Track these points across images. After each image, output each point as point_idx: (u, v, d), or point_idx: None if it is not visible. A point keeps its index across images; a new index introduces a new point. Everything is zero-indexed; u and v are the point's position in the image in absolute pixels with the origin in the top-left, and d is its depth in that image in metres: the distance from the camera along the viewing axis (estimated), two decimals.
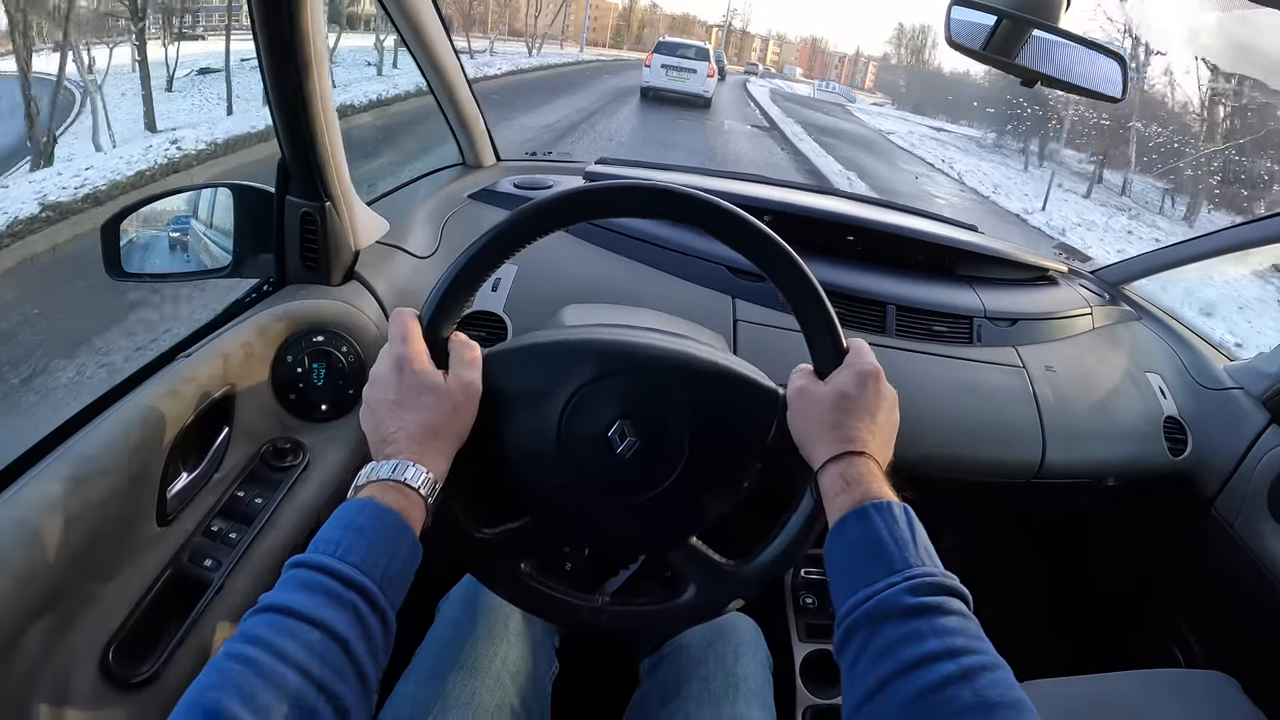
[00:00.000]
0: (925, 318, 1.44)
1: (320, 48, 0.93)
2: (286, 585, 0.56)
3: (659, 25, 79.16)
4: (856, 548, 0.63)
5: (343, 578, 0.56)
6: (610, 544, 0.90)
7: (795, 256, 0.77)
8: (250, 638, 0.52)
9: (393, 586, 0.60)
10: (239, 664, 0.50)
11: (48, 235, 5.10)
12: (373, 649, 0.56)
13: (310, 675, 0.51)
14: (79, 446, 0.76)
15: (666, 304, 1.26)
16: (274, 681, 0.49)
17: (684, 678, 0.95)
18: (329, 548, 0.58)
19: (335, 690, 0.51)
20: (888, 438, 0.74)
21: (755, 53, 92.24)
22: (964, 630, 0.56)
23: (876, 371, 0.75)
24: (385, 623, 0.58)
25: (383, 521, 0.62)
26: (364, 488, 0.65)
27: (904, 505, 0.65)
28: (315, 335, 1.02)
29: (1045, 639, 1.82)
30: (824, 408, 0.73)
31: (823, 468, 0.70)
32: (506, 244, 0.76)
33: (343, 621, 0.54)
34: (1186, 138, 17.52)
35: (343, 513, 0.62)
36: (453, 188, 1.57)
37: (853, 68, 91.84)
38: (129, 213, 1.03)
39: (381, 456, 0.68)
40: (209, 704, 0.47)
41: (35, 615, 0.67)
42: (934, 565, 0.61)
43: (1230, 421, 1.53)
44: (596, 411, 0.76)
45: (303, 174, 1.03)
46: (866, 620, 0.58)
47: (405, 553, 0.62)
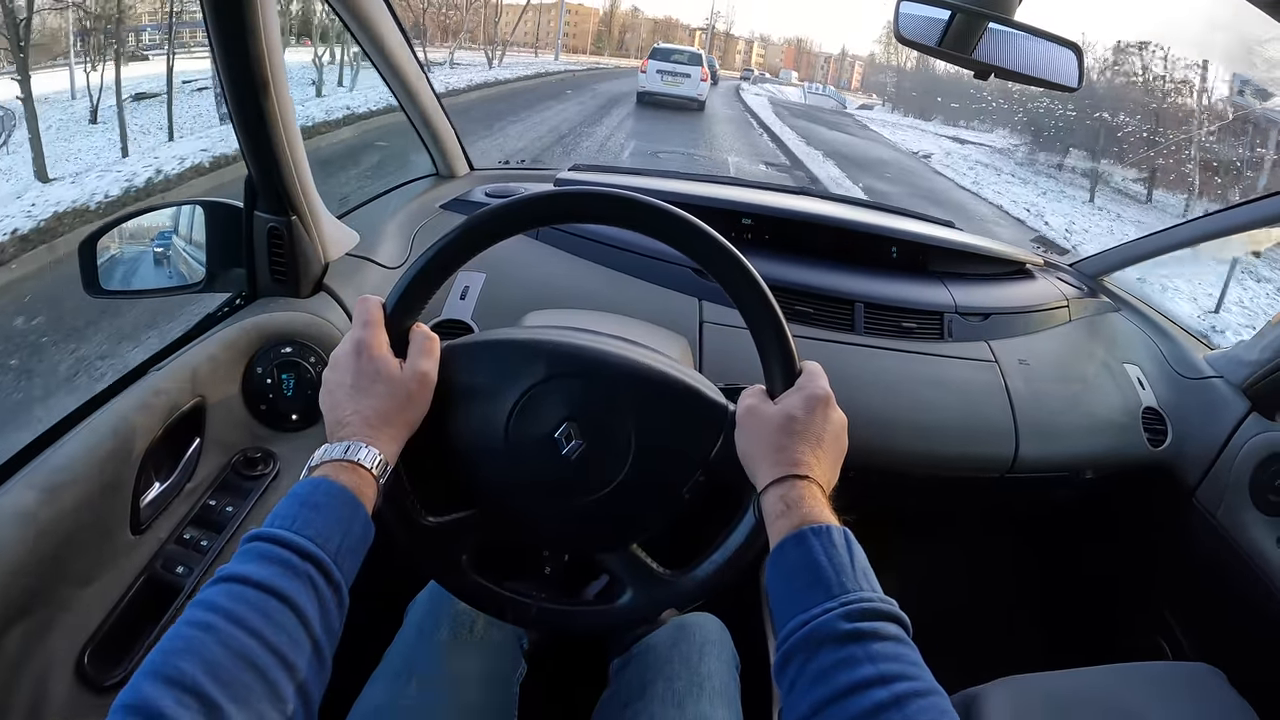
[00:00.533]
0: (895, 314, 1.45)
1: (278, 65, 0.95)
2: (244, 557, 0.57)
3: (640, 30, 77.15)
4: (795, 572, 0.64)
5: (299, 550, 0.58)
6: (552, 543, 0.92)
7: (756, 276, 0.78)
8: (209, 605, 0.53)
9: (346, 561, 0.61)
10: (199, 630, 0.51)
11: None
12: (327, 620, 0.57)
13: (268, 643, 0.52)
14: (52, 458, 0.77)
15: (633, 308, 1.27)
16: (233, 648, 0.50)
17: (649, 678, 0.96)
18: (284, 522, 0.60)
19: (292, 659, 0.53)
20: (834, 462, 0.74)
21: (740, 55, 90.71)
22: (899, 656, 0.57)
23: (827, 397, 0.76)
24: (339, 595, 0.60)
25: (337, 498, 0.63)
26: (318, 467, 0.67)
27: (843, 529, 0.66)
28: (284, 346, 1.04)
29: (1030, 633, 1.82)
30: (770, 429, 0.73)
31: (765, 489, 0.71)
32: (472, 241, 0.78)
33: (299, 591, 0.56)
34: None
35: (298, 490, 0.64)
36: (425, 198, 1.59)
37: (839, 68, 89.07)
38: (106, 230, 1.05)
39: (335, 438, 0.69)
40: (171, 670, 0.48)
41: (11, 621, 0.69)
42: (872, 590, 0.62)
43: (1210, 411, 1.53)
44: (545, 412, 0.77)
45: (268, 189, 1.05)
46: (803, 645, 0.59)
47: (358, 529, 0.64)
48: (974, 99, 25.14)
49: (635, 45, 73.65)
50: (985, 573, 1.82)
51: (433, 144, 1.68)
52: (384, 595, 1.00)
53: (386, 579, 0.96)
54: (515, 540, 0.84)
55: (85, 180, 6.21)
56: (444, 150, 1.70)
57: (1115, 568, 1.76)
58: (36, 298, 4.33)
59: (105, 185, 6.16)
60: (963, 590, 1.73)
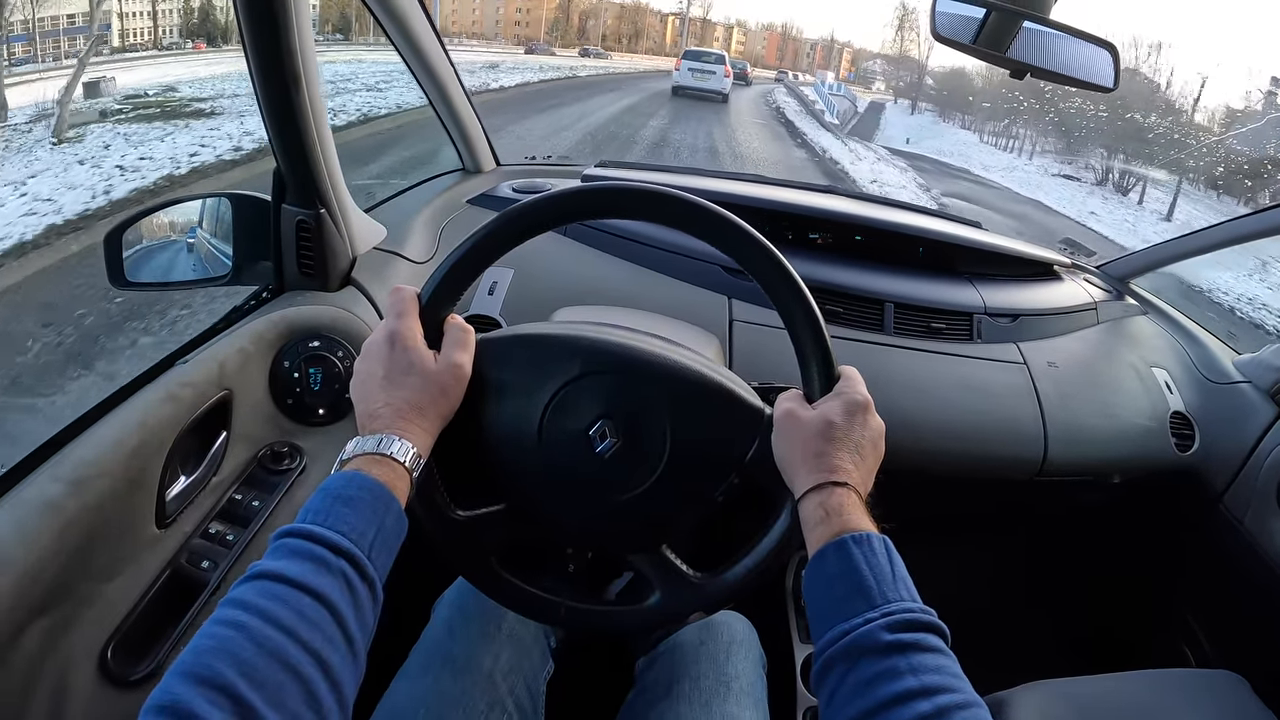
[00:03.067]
0: (924, 315, 1.43)
1: (310, 59, 0.96)
2: (276, 554, 0.56)
3: (605, 16, 69.13)
4: (835, 580, 0.63)
5: (332, 545, 0.57)
6: (581, 540, 0.90)
7: (797, 278, 0.77)
8: (241, 603, 0.52)
9: (380, 556, 0.61)
10: (232, 630, 0.50)
11: None
12: (361, 616, 0.57)
13: (302, 641, 0.51)
14: (78, 451, 0.77)
15: (663, 305, 1.26)
16: (266, 647, 0.49)
17: (676, 677, 0.95)
18: (317, 517, 0.59)
19: (326, 656, 0.52)
20: (870, 469, 0.73)
21: (718, 41, 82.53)
22: (940, 668, 0.56)
23: (866, 403, 0.75)
24: (373, 591, 0.59)
25: (369, 492, 0.62)
26: (350, 461, 0.66)
27: (883, 538, 0.65)
28: (311, 340, 1.03)
29: (1054, 637, 1.81)
30: (809, 434, 0.72)
31: (803, 496, 0.70)
32: (510, 234, 0.77)
33: (333, 588, 0.55)
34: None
35: (330, 484, 0.63)
36: (452, 193, 1.59)
37: (826, 55, 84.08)
38: (130, 223, 1.05)
39: (367, 430, 0.68)
40: (203, 670, 0.47)
41: (35, 614, 0.69)
42: (912, 599, 0.61)
43: (1238, 416, 1.51)
44: (580, 408, 0.77)
45: (297, 183, 1.05)
46: (844, 655, 0.58)
47: (391, 524, 0.63)
48: (1005, 98, 24.43)
49: (596, 33, 66.52)
50: (1010, 575, 1.81)
51: (460, 139, 1.67)
52: (412, 591, 1.00)
53: (415, 574, 0.96)
54: (544, 537, 0.83)
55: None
56: (471, 146, 1.69)
57: (1140, 573, 1.74)
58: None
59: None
60: (988, 592, 1.72)
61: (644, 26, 70.78)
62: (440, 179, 1.72)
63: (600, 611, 0.84)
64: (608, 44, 64.67)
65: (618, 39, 68.06)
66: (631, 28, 69.42)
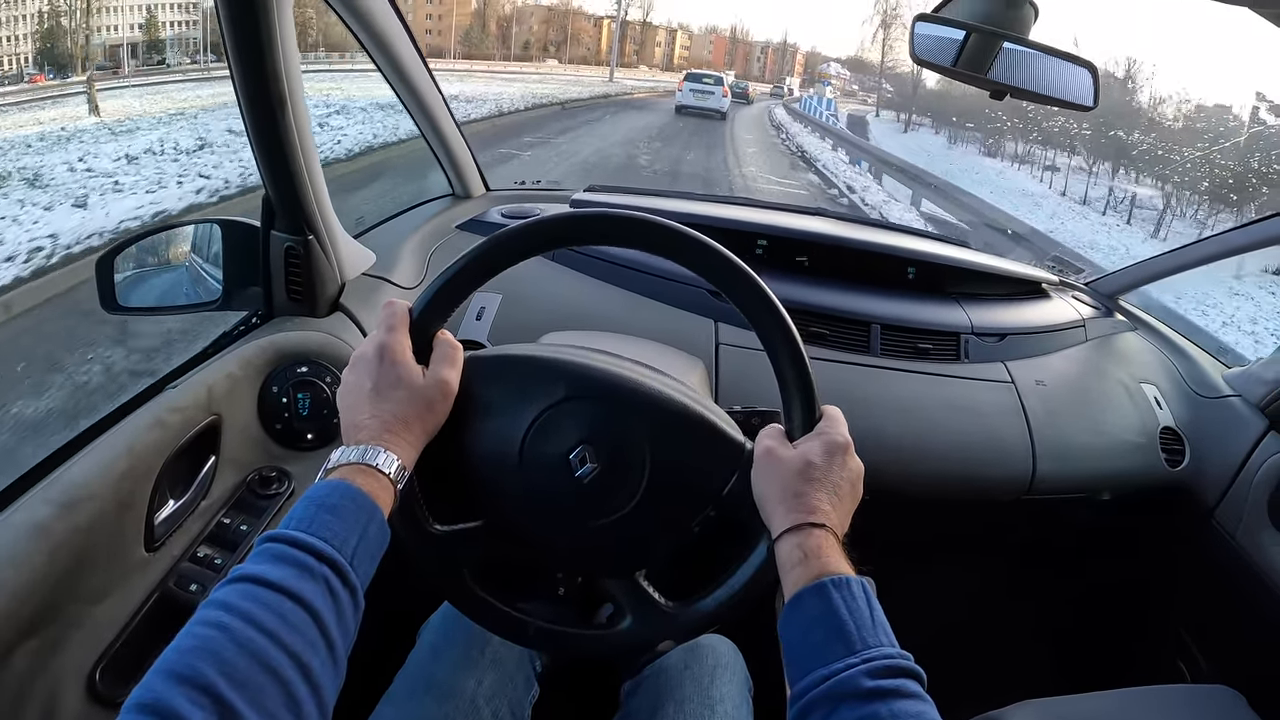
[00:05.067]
0: (911, 336, 1.44)
1: (295, 84, 0.97)
2: (259, 558, 0.56)
3: (529, 21, 60.96)
4: (814, 624, 0.63)
5: (315, 551, 0.57)
6: (556, 563, 0.91)
7: (786, 317, 0.77)
8: (223, 605, 0.52)
9: (362, 564, 0.61)
10: (214, 630, 0.50)
11: None
12: (343, 622, 0.57)
13: (283, 644, 0.51)
14: (68, 474, 0.78)
15: (649, 330, 1.27)
16: (248, 649, 0.50)
17: (661, 701, 0.95)
18: (300, 524, 0.59)
19: (307, 660, 0.52)
20: (848, 511, 0.73)
21: (660, 46, 74.85)
22: (920, 714, 0.56)
23: (846, 444, 0.75)
24: (355, 598, 0.59)
25: (353, 501, 0.63)
26: (334, 470, 0.66)
27: (862, 581, 0.65)
28: (299, 366, 1.04)
29: (1048, 655, 1.80)
30: (788, 473, 0.72)
31: (780, 536, 0.70)
32: (501, 255, 0.78)
33: (315, 593, 0.55)
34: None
35: (314, 492, 0.63)
36: (441, 219, 1.60)
37: (779, 58, 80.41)
38: (122, 249, 1.07)
39: (352, 441, 0.69)
40: (185, 669, 0.47)
41: (24, 636, 0.69)
42: (892, 644, 0.61)
43: (1228, 430, 1.52)
44: (562, 432, 0.77)
45: (285, 209, 1.06)
46: (824, 700, 0.58)
47: (374, 533, 0.63)
48: (989, 118, 24.25)
49: (520, 43, 58.42)
50: (1002, 594, 1.80)
51: (449, 164, 1.69)
52: (396, 617, 0.99)
53: (402, 599, 0.96)
54: (520, 555, 0.84)
55: None
56: (460, 171, 1.70)
57: (1133, 589, 1.74)
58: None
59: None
60: (980, 611, 1.72)
61: (575, 31, 63.76)
62: (429, 204, 1.73)
63: (570, 634, 0.84)
64: (532, 51, 58.47)
65: (544, 46, 61.47)
66: (561, 33, 62.70)
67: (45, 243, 5.42)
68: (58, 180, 7.26)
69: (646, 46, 75.23)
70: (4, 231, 5.59)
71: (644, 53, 74.00)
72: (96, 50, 15.99)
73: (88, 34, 15.60)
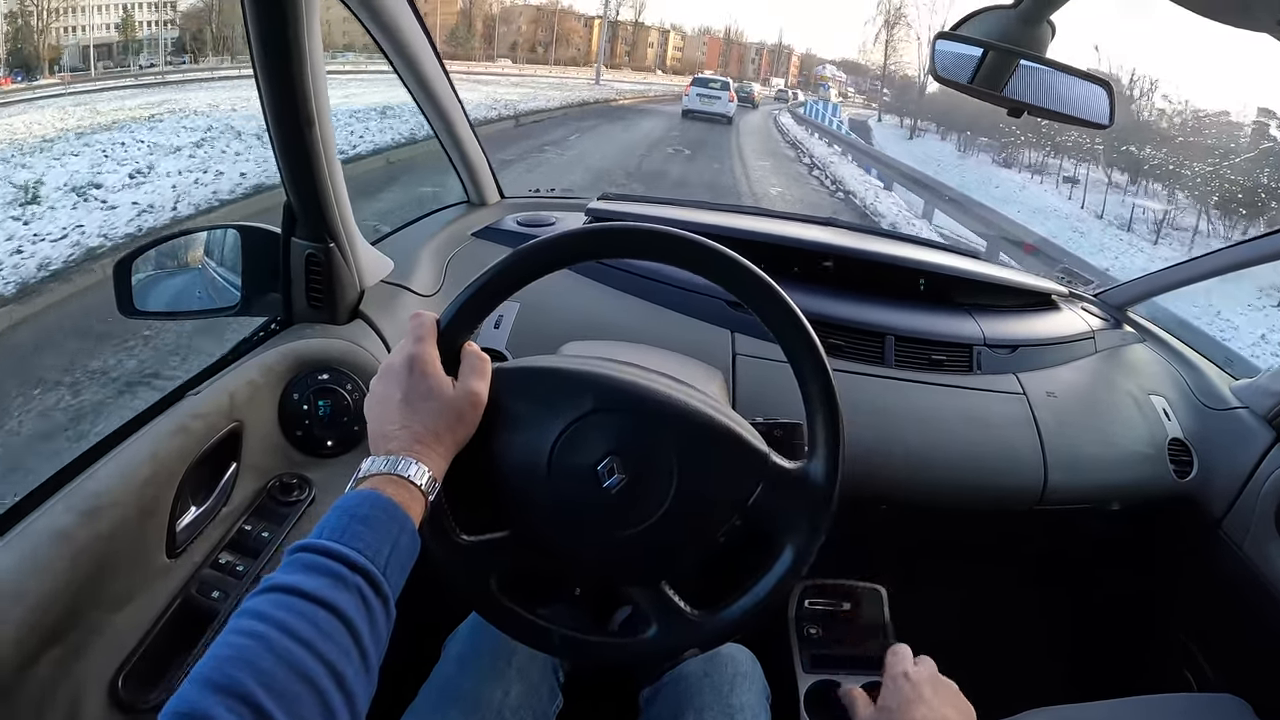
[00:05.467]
0: (925, 347, 1.45)
1: (322, 96, 0.97)
2: (291, 568, 0.57)
3: (518, 20, 57.60)
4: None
5: (348, 562, 0.58)
6: (582, 573, 0.92)
7: (819, 350, 0.80)
8: (258, 614, 0.53)
9: (394, 574, 0.61)
10: (251, 640, 0.51)
11: None
12: (375, 632, 0.57)
13: (319, 653, 0.52)
14: (90, 482, 0.78)
15: (667, 340, 1.27)
16: (285, 658, 0.50)
17: (681, 708, 0.96)
18: (333, 534, 0.59)
19: (341, 669, 0.52)
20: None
21: (652, 47, 71.94)
22: None
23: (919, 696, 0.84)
24: (387, 607, 0.59)
25: (385, 512, 0.63)
26: (364, 480, 0.67)
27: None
28: (320, 373, 1.04)
29: (1055, 663, 1.80)
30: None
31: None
32: (529, 267, 0.79)
33: (349, 603, 0.55)
34: None
35: (345, 503, 0.63)
36: (457, 226, 1.60)
37: (774, 60, 77.89)
38: (140, 253, 1.07)
39: (381, 451, 0.69)
40: (222, 678, 0.48)
41: (47, 644, 0.69)
42: None
43: (1236, 441, 1.52)
44: (590, 444, 0.78)
45: (307, 216, 1.06)
46: None
47: (406, 543, 0.64)
48: (1000, 130, 23.49)
49: (507, 42, 55.51)
50: (1011, 603, 1.81)
51: (465, 171, 1.69)
52: (421, 631, 1.00)
53: (428, 610, 0.96)
54: (546, 565, 0.84)
55: None
56: (476, 178, 1.71)
57: (1140, 599, 1.74)
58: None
59: None
60: (989, 619, 1.72)
61: (565, 31, 61.07)
62: (445, 211, 1.73)
63: (595, 643, 0.85)
64: (519, 53, 55.68)
65: (533, 47, 58.53)
66: (550, 34, 59.90)
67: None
68: None
69: (638, 47, 72.46)
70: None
71: (636, 54, 71.17)
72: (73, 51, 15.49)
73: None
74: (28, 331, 4.88)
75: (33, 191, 7.19)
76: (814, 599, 1.37)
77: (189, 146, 9.67)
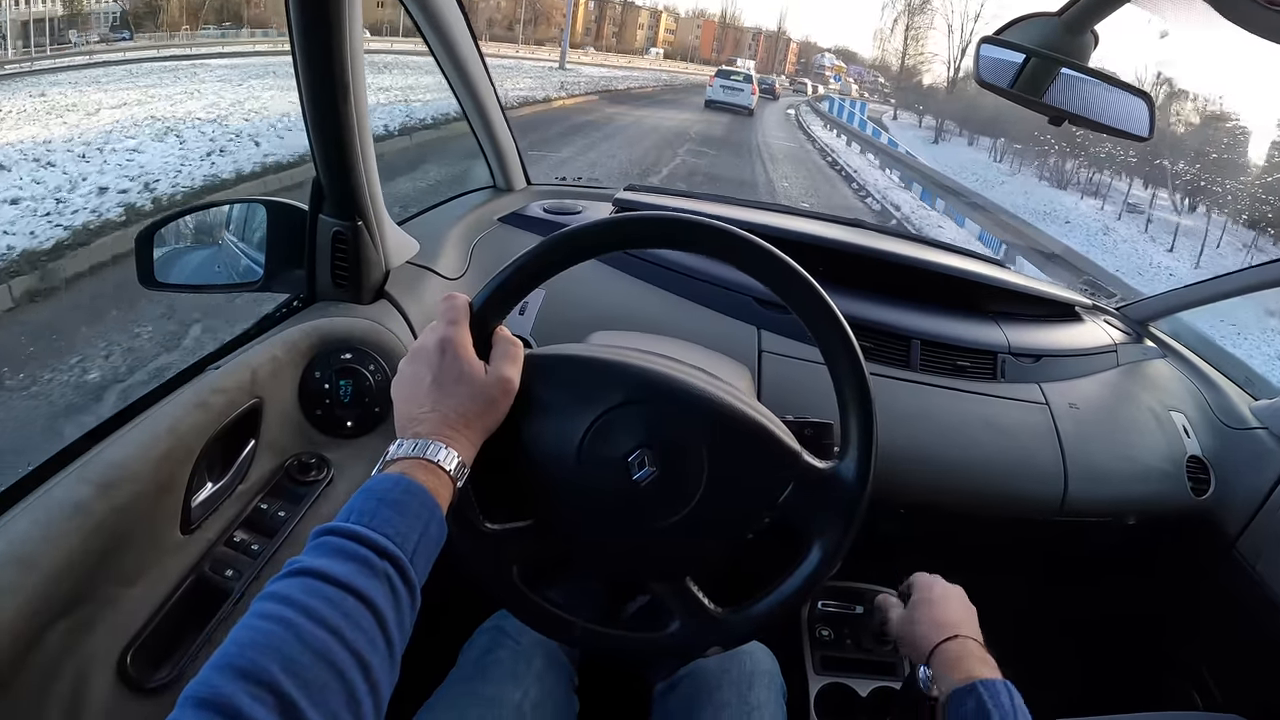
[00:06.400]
0: (950, 353, 1.44)
1: (359, 69, 0.96)
2: (318, 551, 0.56)
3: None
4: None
5: (377, 547, 0.56)
6: (606, 567, 0.90)
7: (853, 342, 0.79)
8: (285, 599, 0.51)
9: (421, 561, 0.60)
10: (275, 624, 0.49)
11: None
12: (401, 620, 0.56)
13: (346, 642, 0.50)
14: (107, 453, 0.77)
15: (694, 333, 1.26)
16: (313, 646, 0.49)
17: (698, 704, 0.95)
18: (362, 518, 0.58)
19: (368, 658, 0.51)
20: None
21: (643, 29, 68.17)
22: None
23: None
24: (413, 596, 0.58)
25: (415, 497, 0.62)
26: (393, 463, 0.65)
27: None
28: (344, 352, 1.03)
29: (1062, 678, 1.80)
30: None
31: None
32: (568, 252, 0.78)
33: (376, 590, 0.54)
34: None
35: (374, 485, 0.62)
36: (483, 210, 1.59)
37: (772, 47, 75.91)
38: (162, 225, 1.06)
39: (408, 434, 0.68)
40: (246, 664, 0.46)
41: (57, 616, 0.68)
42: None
43: (1254, 461, 1.52)
44: (621, 435, 0.77)
45: (336, 193, 1.05)
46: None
47: (435, 531, 0.63)
48: (1035, 140, 22.89)
49: (485, 17, 50.94)
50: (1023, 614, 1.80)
51: (493, 156, 1.68)
52: (439, 631, 0.99)
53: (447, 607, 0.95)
54: (568, 557, 0.83)
55: None
56: (504, 163, 1.70)
57: (1151, 615, 1.74)
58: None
59: None
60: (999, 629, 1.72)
61: (545, 8, 57.44)
62: (471, 195, 1.72)
63: (616, 635, 0.84)
64: (496, 29, 51.63)
65: (510, 24, 54.84)
66: (530, 12, 56.45)
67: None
68: None
69: (627, 28, 68.90)
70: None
71: (625, 35, 67.34)
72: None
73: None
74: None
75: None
76: (827, 601, 1.36)
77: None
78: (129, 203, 6.51)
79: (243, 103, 11.17)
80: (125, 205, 6.43)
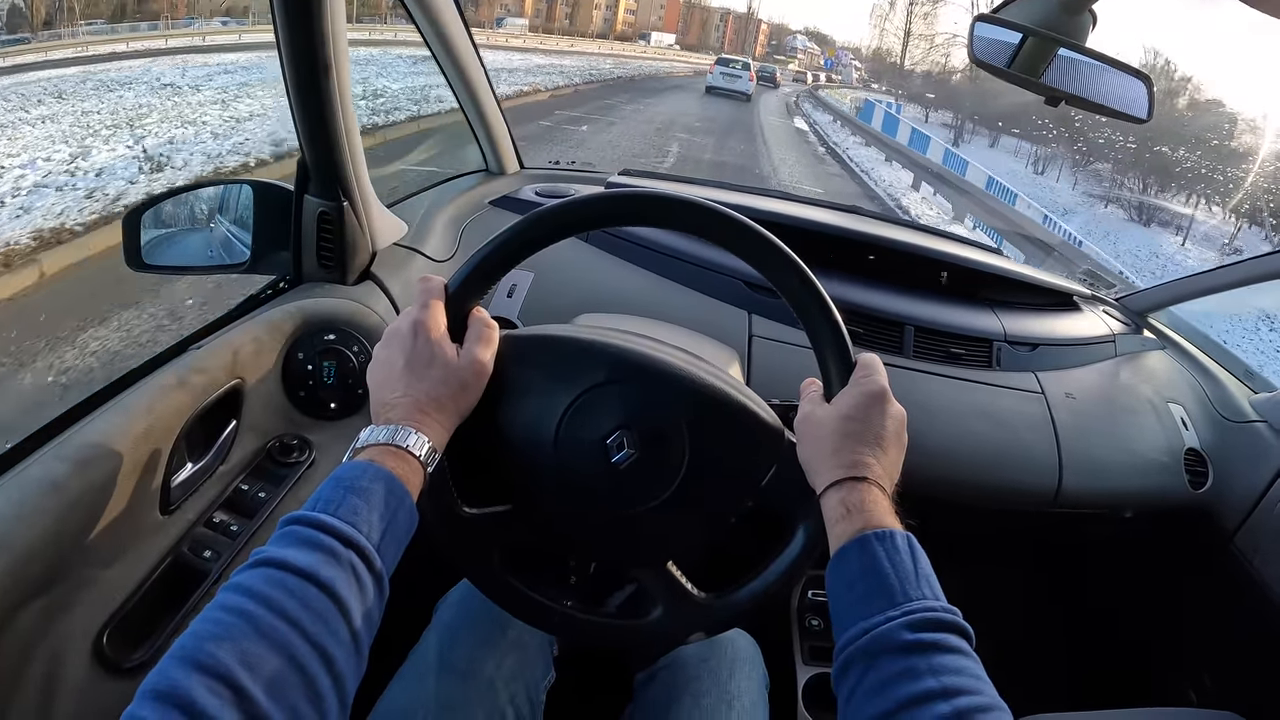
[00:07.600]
0: (944, 339, 1.42)
1: (341, 48, 0.95)
2: (283, 541, 0.55)
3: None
4: (856, 578, 0.62)
5: (342, 536, 0.55)
6: (585, 550, 0.89)
7: (803, 266, 0.76)
8: (246, 590, 0.50)
9: (389, 550, 0.59)
10: (234, 617, 0.49)
11: None
12: (367, 611, 0.55)
13: (306, 633, 0.50)
14: (86, 431, 0.76)
15: (683, 317, 1.25)
16: (271, 638, 0.48)
17: (677, 693, 0.94)
18: (328, 506, 0.57)
19: (330, 650, 0.50)
20: (895, 460, 0.72)
21: (598, 9, 63.59)
22: (962, 669, 0.55)
23: (882, 391, 0.73)
24: (380, 586, 0.57)
25: (383, 484, 0.61)
26: (362, 450, 0.64)
27: (907, 534, 0.64)
28: (327, 333, 1.02)
29: (1057, 671, 1.79)
30: (826, 431, 0.71)
31: (824, 493, 0.69)
32: (543, 231, 0.76)
33: (340, 581, 0.53)
34: None
35: (342, 473, 0.61)
36: (474, 193, 1.59)
37: (742, 28, 73.04)
38: (150, 205, 1.05)
39: (381, 419, 0.67)
40: (204, 657, 0.46)
41: (32, 594, 0.67)
42: (936, 598, 0.60)
43: (1252, 455, 1.50)
44: (600, 416, 0.75)
45: (321, 174, 1.04)
46: (863, 654, 0.57)
47: (403, 518, 0.62)
48: (1034, 125, 21.67)
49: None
50: (1017, 606, 1.79)
51: (486, 139, 1.67)
52: (412, 593, 0.98)
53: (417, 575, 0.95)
54: (548, 542, 0.82)
55: None
56: (496, 146, 1.69)
57: (1147, 609, 1.73)
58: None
59: None
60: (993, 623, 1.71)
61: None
62: (463, 178, 1.71)
63: (597, 623, 0.83)
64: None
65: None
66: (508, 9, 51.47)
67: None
68: None
69: (582, 9, 64.42)
70: None
71: (579, 16, 62.72)
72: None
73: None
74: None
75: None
76: (816, 590, 1.35)
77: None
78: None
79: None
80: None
